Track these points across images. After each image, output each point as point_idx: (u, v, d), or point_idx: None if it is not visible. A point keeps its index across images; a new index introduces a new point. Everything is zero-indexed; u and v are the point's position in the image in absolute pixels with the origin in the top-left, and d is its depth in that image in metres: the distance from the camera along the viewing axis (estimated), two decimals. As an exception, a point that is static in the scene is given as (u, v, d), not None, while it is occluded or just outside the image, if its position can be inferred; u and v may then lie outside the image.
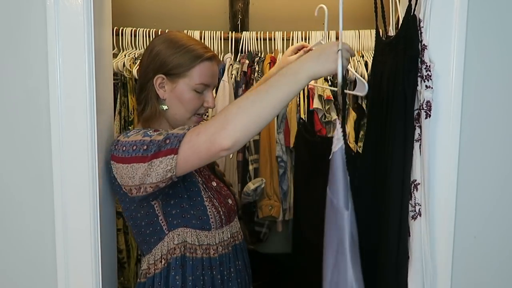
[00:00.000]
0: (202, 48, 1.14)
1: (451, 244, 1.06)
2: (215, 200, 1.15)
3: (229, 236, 1.19)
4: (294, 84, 0.93)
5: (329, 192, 1.03)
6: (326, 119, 2.08)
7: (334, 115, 2.08)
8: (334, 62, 0.92)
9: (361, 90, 1.40)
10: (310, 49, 1.42)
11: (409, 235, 1.04)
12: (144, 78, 1.14)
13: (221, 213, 1.15)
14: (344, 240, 0.98)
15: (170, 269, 1.10)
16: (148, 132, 1.03)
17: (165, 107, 1.14)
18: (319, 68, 0.93)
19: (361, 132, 2.18)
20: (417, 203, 1.02)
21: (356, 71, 2.07)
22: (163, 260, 1.11)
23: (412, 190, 1.02)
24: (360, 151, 2.10)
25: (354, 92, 1.59)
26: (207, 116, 2.04)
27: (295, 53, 1.43)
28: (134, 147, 1.01)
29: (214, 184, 1.20)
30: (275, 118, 2.08)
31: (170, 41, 1.13)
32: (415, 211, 1.02)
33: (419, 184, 1.01)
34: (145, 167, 0.99)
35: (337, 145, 0.99)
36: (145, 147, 1.00)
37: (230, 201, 1.21)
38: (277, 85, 0.93)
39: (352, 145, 2.17)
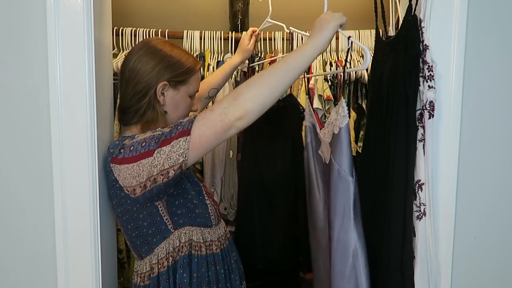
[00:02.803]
0: (192, 57, 1.21)
1: (451, 244, 1.06)
2: (210, 199, 1.21)
3: (224, 231, 1.24)
4: (301, 57, 1.01)
5: (336, 164, 1.12)
6: (326, 119, 2.08)
7: (334, 115, 2.08)
8: (328, 31, 1.02)
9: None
10: (259, 33, 1.69)
11: (414, 235, 1.04)
12: (145, 84, 1.13)
13: (216, 210, 1.22)
14: (349, 205, 1.10)
15: (177, 267, 1.12)
16: (156, 130, 1.05)
17: (165, 112, 1.17)
18: (322, 39, 1.02)
19: (361, 132, 2.18)
20: (422, 203, 1.02)
21: (355, 72, 2.07)
22: (170, 258, 1.12)
23: (416, 190, 1.02)
24: (360, 151, 2.11)
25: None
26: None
27: (250, 40, 1.64)
28: (144, 143, 1.02)
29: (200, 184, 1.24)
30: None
31: (165, 51, 1.15)
32: (420, 211, 1.02)
33: (423, 184, 1.01)
34: (154, 157, 1.00)
35: (344, 121, 1.09)
36: (156, 139, 1.02)
37: (215, 199, 1.25)
38: (284, 60, 1.01)
39: (352, 145, 2.17)
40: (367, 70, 2.07)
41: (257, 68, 2.07)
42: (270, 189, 1.85)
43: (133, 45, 2.09)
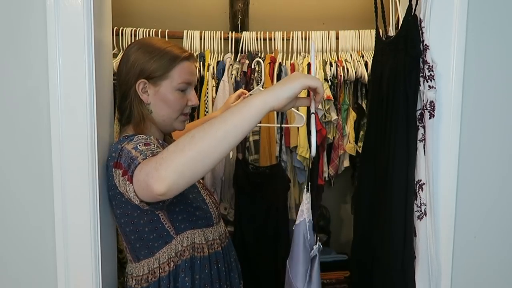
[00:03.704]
0: (178, 49, 1.15)
1: (451, 244, 1.06)
2: (209, 197, 1.20)
3: (224, 230, 1.24)
4: (246, 112, 0.80)
5: (288, 266, 0.96)
6: (326, 119, 2.08)
7: (334, 115, 2.08)
8: (291, 87, 0.83)
9: (300, 122, 1.54)
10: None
11: (415, 235, 1.04)
12: (126, 85, 1.13)
13: (216, 207, 1.21)
14: None
15: (179, 271, 1.10)
16: (139, 146, 0.98)
17: (150, 111, 1.14)
18: (277, 91, 0.82)
19: (361, 132, 2.18)
20: (423, 203, 1.02)
21: (356, 71, 2.07)
22: (171, 263, 1.10)
23: (417, 190, 1.03)
24: (360, 151, 2.11)
25: (293, 125, 2.00)
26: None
27: (236, 99, 1.53)
28: (127, 158, 0.97)
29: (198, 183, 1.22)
30: (275, 117, 2.08)
31: (146, 46, 1.13)
32: (421, 211, 1.02)
33: (424, 184, 1.01)
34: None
35: (299, 217, 0.91)
36: (129, 160, 0.95)
37: (215, 197, 1.27)
38: (224, 116, 0.80)
39: (352, 145, 2.17)
40: (367, 70, 2.07)
41: (257, 68, 2.08)
42: (250, 247, 1.91)
43: (133, 45, 2.09)
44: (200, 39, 2.11)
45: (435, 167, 1.03)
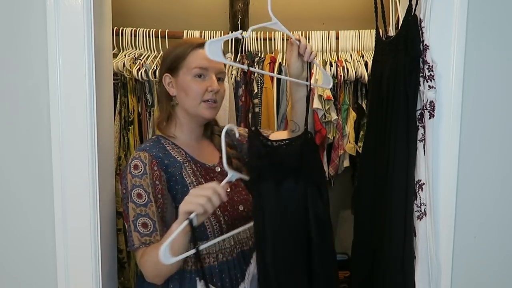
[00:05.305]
0: (191, 40, 1.22)
1: (451, 244, 1.06)
2: (217, 209, 1.12)
3: (232, 243, 1.16)
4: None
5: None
6: (326, 119, 2.08)
7: (334, 115, 2.08)
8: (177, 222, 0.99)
9: (327, 83, 1.34)
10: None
11: (415, 235, 1.04)
12: (161, 88, 1.22)
13: (222, 221, 1.13)
14: None
15: (168, 282, 1.10)
16: (134, 197, 1.07)
17: (176, 102, 1.20)
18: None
19: (361, 132, 2.18)
20: (423, 203, 1.02)
21: (356, 71, 2.07)
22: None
23: (417, 190, 1.02)
24: (360, 151, 2.11)
25: (321, 86, 1.79)
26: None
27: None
28: (124, 191, 1.08)
29: (228, 189, 1.13)
30: (275, 118, 2.08)
31: (166, 50, 1.26)
32: (420, 211, 1.02)
33: (424, 184, 1.01)
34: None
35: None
36: (128, 223, 1.08)
37: (241, 208, 1.18)
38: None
39: (352, 145, 2.17)
40: (367, 70, 2.07)
41: (257, 68, 2.07)
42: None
43: (133, 45, 2.09)
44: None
45: (435, 167, 1.03)
